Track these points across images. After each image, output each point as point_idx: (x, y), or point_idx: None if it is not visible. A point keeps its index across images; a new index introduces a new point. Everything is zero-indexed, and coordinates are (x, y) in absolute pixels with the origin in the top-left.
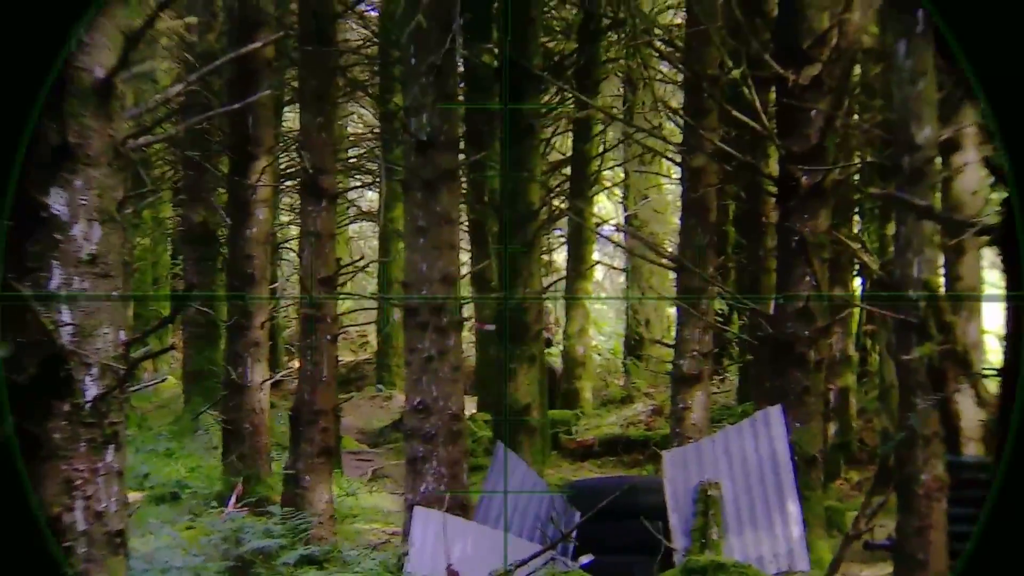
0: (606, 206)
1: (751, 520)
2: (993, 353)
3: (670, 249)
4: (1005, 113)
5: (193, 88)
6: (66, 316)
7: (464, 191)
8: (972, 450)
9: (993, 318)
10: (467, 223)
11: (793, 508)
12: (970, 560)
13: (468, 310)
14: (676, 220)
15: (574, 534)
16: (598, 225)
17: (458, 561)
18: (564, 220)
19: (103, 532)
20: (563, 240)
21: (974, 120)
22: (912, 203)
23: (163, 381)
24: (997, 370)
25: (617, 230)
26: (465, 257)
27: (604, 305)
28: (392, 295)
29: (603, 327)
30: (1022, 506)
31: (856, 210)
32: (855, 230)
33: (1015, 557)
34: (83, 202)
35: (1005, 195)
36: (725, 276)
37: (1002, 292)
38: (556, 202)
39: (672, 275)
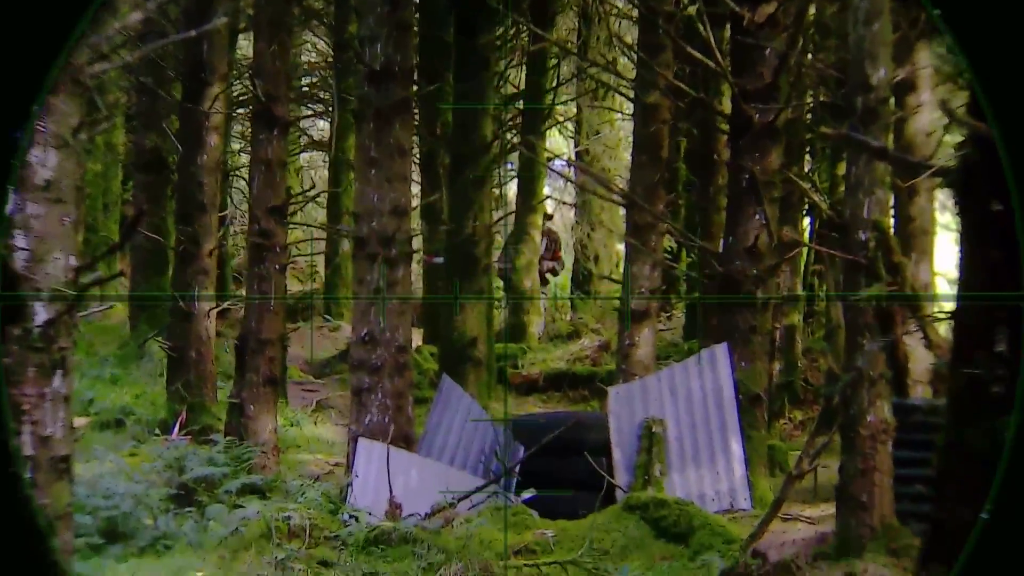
0: (558, 141)
1: (694, 458)
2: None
3: (621, 185)
4: (1006, 113)
5: (150, 15)
6: (20, 241)
7: (416, 123)
8: (919, 393)
9: (944, 260)
10: (419, 155)
11: (736, 447)
12: (970, 560)
13: (417, 243)
14: (627, 156)
15: (517, 468)
16: (549, 160)
17: (401, 493)
18: (515, 154)
19: (48, 457)
20: (514, 174)
21: (929, 60)
22: (866, 143)
23: (110, 307)
24: (948, 313)
25: (568, 165)
26: (416, 189)
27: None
28: (342, 225)
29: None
30: (1022, 506)
31: (807, 150)
32: (806, 169)
33: (1015, 557)
34: (40, 128)
35: (960, 137)
36: (675, 213)
37: (954, 236)
38: (508, 136)
39: (622, 211)
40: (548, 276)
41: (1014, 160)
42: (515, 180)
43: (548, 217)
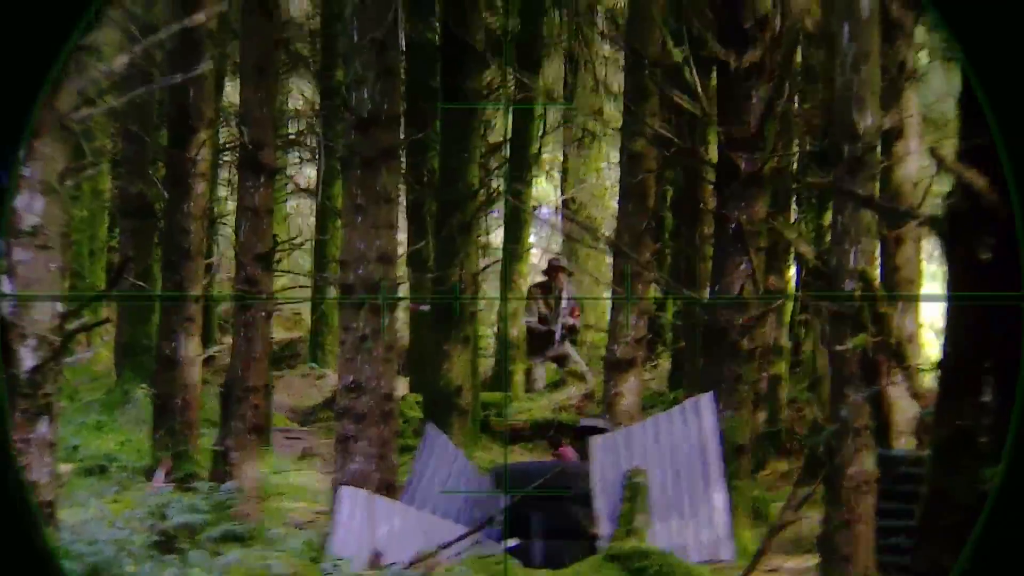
0: (544, 188)
1: (678, 508)
2: (929, 347)
3: (607, 233)
4: (1005, 114)
5: (135, 60)
6: (7, 287)
7: (403, 170)
8: (904, 444)
9: (930, 311)
10: (406, 202)
11: (720, 497)
12: (969, 560)
13: (403, 291)
14: (614, 204)
15: (501, 517)
16: (535, 207)
17: (384, 542)
18: (502, 201)
19: (34, 503)
20: (500, 222)
21: (917, 107)
22: (852, 192)
23: (93, 355)
24: (934, 364)
25: (555, 213)
26: (402, 237)
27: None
28: (328, 273)
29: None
30: (1022, 507)
31: (794, 198)
32: (792, 219)
33: (1015, 557)
34: (26, 173)
35: (948, 186)
36: (661, 262)
37: (942, 285)
38: (494, 183)
39: (608, 260)
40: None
41: (1014, 160)
42: (501, 228)
43: (569, 273)
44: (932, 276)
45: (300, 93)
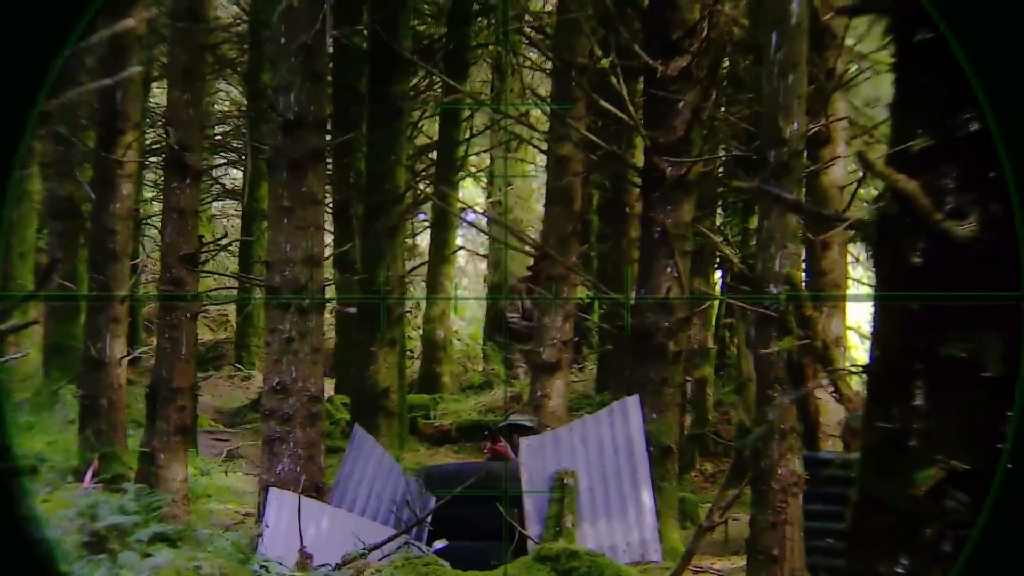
0: (471, 192)
1: (605, 509)
2: (856, 349)
3: (533, 236)
4: (1005, 113)
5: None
6: None
7: (330, 172)
8: (831, 446)
9: (856, 314)
10: (332, 204)
11: (647, 498)
12: (969, 561)
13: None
14: (540, 208)
15: (429, 519)
16: (462, 210)
17: (312, 543)
18: (428, 204)
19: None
20: (427, 224)
21: (845, 112)
22: (780, 197)
23: (25, 355)
24: (863, 367)
25: (481, 216)
26: (328, 239)
27: (464, 291)
28: (253, 275)
29: (463, 312)
30: (1022, 507)
31: (720, 203)
32: (718, 223)
33: (1015, 557)
34: None
35: (875, 190)
36: (587, 265)
37: (869, 289)
38: (421, 186)
39: (534, 262)
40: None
41: (1014, 160)
42: (428, 230)
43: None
44: (858, 280)
45: (227, 95)
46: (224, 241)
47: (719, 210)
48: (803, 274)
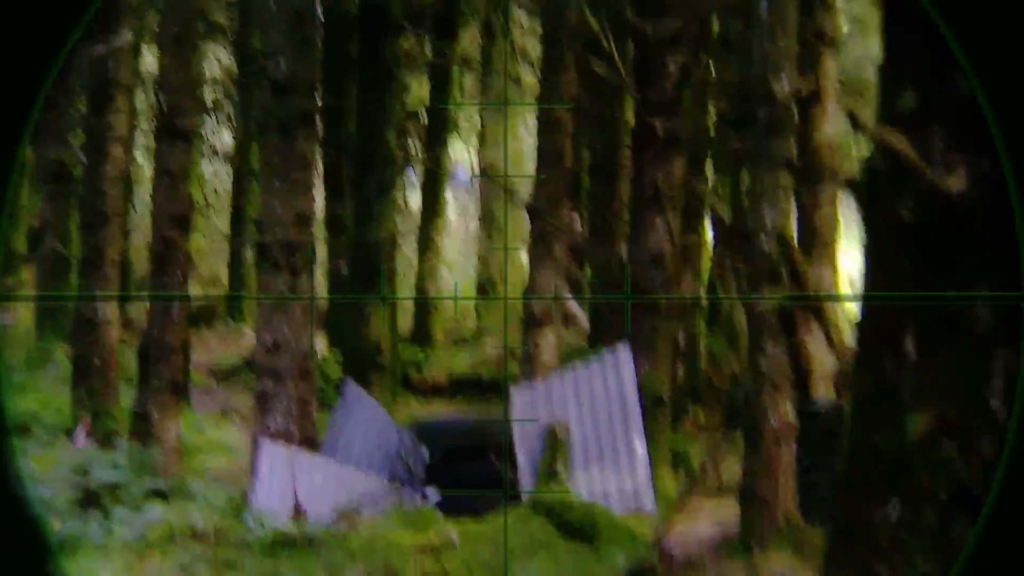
0: (461, 152)
1: (598, 459)
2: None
3: (525, 196)
4: (1005, 113)
5: None
6: None
7: (320, 134)
8: (823, 395)
9: (848, 264)
10: (322, 165)
11: (640, 448)
12: (969, 561)
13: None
14: (531, 168)
15: (423, 471)
16: (453, 171)
17: (305, 496)
18: (419, 165)
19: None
20: (417, 185)
21: (835, 71)
22: (770, 155)
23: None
24: (854, 318)
25: (472, 176)
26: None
27: (455, 252)
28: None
29: (455, 269)
30: (1022, 508)
31: (711, 161)
32: (709, 180)
33: (1015, 557)
34: None
35: (867, 149)
36: (580, 224)
37: (860, 242)
38: (412, 147)
39: (525, 220)
40: None
41: (1014, 159)
42: (418, 190)
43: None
44: (849, 235)
45: (217, 60)
46: (215, 203)
47: (710, 168)
48: (795, 230)
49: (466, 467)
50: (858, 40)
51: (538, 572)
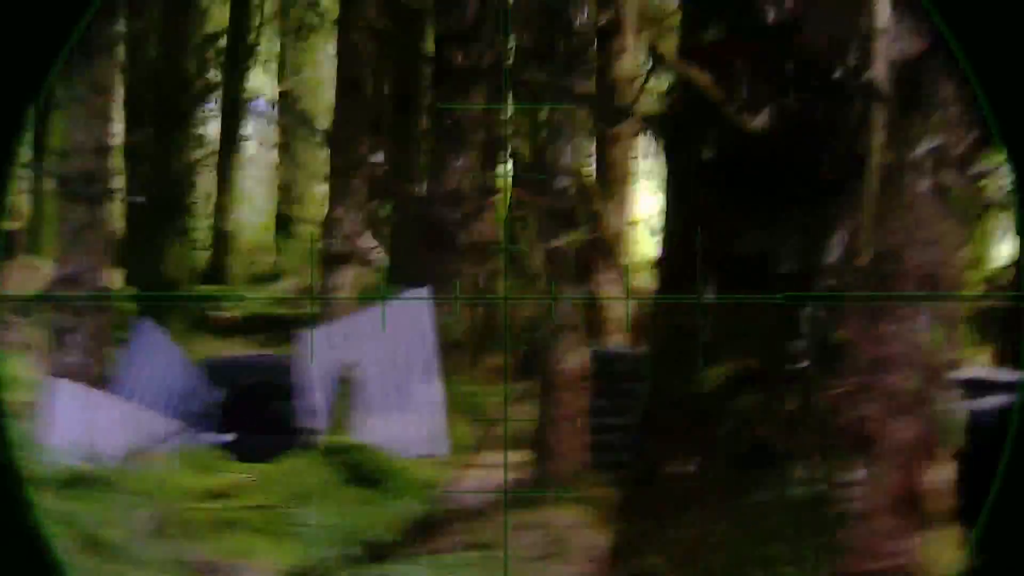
0: (260, 80)
1: (393, 402)
2: (643, 243)
3: (324, 126)
4: (1005, 112)
5: None
6: None
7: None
8: (617, 341)
9: (643, 207)
10: (123, 93)
11: (435, 392)
12: (969, 560)
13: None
14: (330, 97)
15: (215, 410)
16: (251, 99)
17: (97, 433)
18: (217, 93)
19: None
20: (215, 114)
21: (635, 3)
22: (567, 88)
23: None
24: (652, 261)
25: (271, 105)
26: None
27: (253, 178)
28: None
29: (253, 202)
30: (1022, 508)
31: (510, 94)
32: (508, 114)
33: (1015, 557)
34: None
35: (668, 83)
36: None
37: (660, 181)
38: (210, 74)
39: (325, 153)
40: None
41: (1014, 159)
42: (216, 119)
43: None
44: (647, 174)
45: None
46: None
47: (510, 101)
48: (592, 167)
49: (259, 408)
50: None
51: (323, 517)
